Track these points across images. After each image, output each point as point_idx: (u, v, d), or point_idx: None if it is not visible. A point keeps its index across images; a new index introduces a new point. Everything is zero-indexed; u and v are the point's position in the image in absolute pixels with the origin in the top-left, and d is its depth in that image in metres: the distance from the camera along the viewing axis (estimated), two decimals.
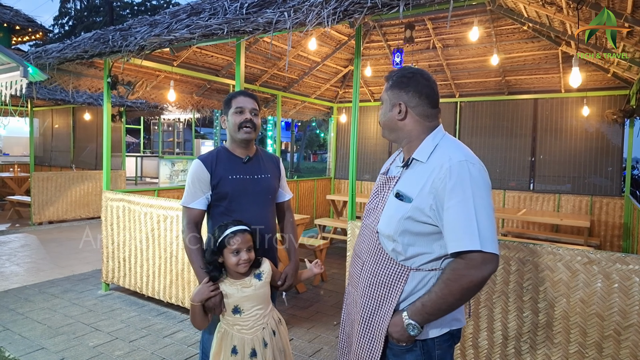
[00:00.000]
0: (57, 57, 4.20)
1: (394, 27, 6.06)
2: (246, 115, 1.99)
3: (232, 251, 1.75)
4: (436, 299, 1.29)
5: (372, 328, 1.42)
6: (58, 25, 27.56)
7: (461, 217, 1.26)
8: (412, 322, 1.33)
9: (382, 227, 1.43)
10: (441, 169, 1.32)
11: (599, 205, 5.86)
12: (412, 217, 1.35)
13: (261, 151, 2.18)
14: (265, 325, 1.83)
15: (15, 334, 3.37)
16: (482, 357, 2.46)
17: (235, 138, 2.03)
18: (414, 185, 1.38)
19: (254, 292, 1.80)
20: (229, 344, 1.78)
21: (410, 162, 1.44)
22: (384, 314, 1.40)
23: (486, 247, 1.24)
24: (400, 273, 1.39)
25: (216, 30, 3.11)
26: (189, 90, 6.36)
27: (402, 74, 1.47)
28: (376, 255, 1.45)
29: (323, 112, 8.48)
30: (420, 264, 1.37)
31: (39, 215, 7.67)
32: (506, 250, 2.37)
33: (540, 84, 6.24)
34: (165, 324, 3.65)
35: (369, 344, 1.43)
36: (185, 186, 2.04)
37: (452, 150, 1.37)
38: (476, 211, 1.26)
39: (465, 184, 1.28)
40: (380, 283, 1.42)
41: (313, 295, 4.42)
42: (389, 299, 1.40)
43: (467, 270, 1.25)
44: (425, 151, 1.40)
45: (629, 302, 2.07)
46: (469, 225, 1.25)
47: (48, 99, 8.09)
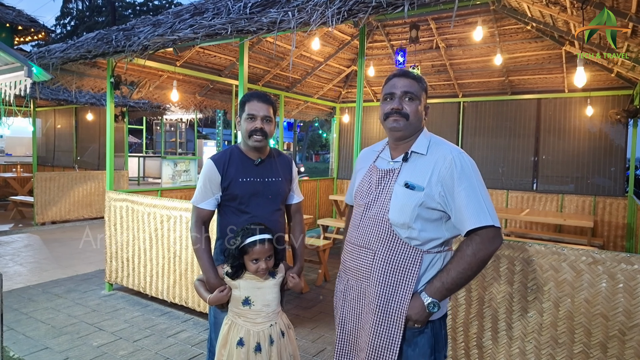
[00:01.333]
0: (61, 57, 4.21)
1: (397, 26, 6.05)
2: (257, 123, 1.96)
3: (251, 259, 1.77)
4: (455, 274, 1.45)
5: (390, 314, 1.49)
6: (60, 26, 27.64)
7: (472, 199, 1.44)
8: (434, 300, 1.46)
9: (394, 216, 1.52)
10: (445, 160, 1.50)
11: (602, 206, 5.84)
12: (424, 203, 1.49)
13: (275, 153, 2.16)
14: (273, 324, 1.84)
15: (19, 334, 3.38)
16: (486, 357, 2.46)
17: (247, 143, 2.02)
18: (420, 176, 1.52)
19: (266, 288, 1.83)
20: (236, 336, 1.79)
21: (409, 156, 1.57)
22: (401, 299, 1.48)
23: (496, 223, 1.43)
24: (415, 256, 1.50)
25: (220, 30, 3.11)
26: (191, 90, 6.37)
27: (424, 80, 1.64)
28: (390, 243, 1.52)
29: (326, 112, 8.48)
30: (431, 247, 1.52)
31: (41, 216, 7.69)
32: (510, 251, 2.37)
33: (543, 84, 6.22)
34: (169, 323, 3.66)
35: (387, 331, 1.48)
36: (196, 184, 2.08)
37: (447, 144, 1.57)
38: (481, 193, 1.45)
39: (469, 171, 1.48)
40: (395, 269, 1.50)
41: (316, 296, 4.42)
42: (406, 283, 1.49)
43: (482, 244, 1.43)
44: (424, 145, 1.57)
45: (633, 302, 2.06)
46: (480, 206, 1.43)
47: (51, 99, 8.11)
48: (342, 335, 1.65)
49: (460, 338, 2.53)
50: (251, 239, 1.76)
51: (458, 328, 2.54)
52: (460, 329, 2.53)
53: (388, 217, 1.52)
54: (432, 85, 7.06)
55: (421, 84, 1.60)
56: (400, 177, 1.55)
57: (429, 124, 1.64)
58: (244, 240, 1.77)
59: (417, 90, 1.57)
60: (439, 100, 7.09)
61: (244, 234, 1.79)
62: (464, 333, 2.52)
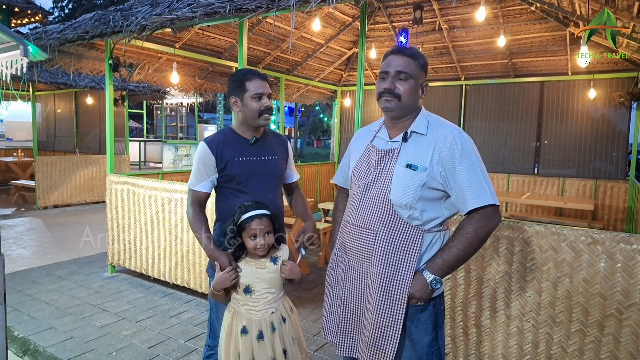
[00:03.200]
0: (58, 38, 4.16)
1: (400, 7, 5.95)
2: (265, 102, 1.97)
3: (249, 235, 1.76)
4: (457, 251, 1.47)
5: (393, 293, 1.50)
6: (58, 8, 27.26)
7: (473, 178, 1.46)
8: (436, 276, 1.49)
9: (396, 196, 1.52)
10: (445, 139, 1.50)
11: (603, 189, 5.83)
12: (427, 184, 1.49)
13: (269, 132, 2.15)
14: (275, 310, 1.83)
15: (24, 314, 3.43)
16: (484, 336, 2.49)
17: (252, 123, 2.00)
18: (422, 156, 1.51)
19: (267, 275, 1.81)
20: (239, 324, 1.79)
21: (409, 136, 1.56)
22: (404, 277, 1.50)
23: (496, 201, 1.47)
24: (416, 235, 1.52)
25: (218, 8, 3.06)
26: (191, 73, 6.32)
27: (423, 56, 1.59)
28: (391, 223, 1.53)
29: (327, 95, 8.42)
30: (432, 226, 1.54)
31: (43, 200, 7.72)
32: (510, 231, 2.37)
33: (547, 67, 6.15)
34: (172, 304, 3.70)
35: (389, 310, 1.50)
36: (192, 168, 2.06)
37: (446, 123, 1.57)
38: (482, 173, 1.47)
39: (469, 151, 1.49)
40: (398, 247, 1.52)
41: (317, 278, 4.46)
42: (408, 261, 1.51)
43: (483, 222, 1.46)
44: (423, 125, 1.56)
45: (632, 282, 2.07)
46: (480, 185, 1.46)
47: (50, 82, 8.05)
48: (344, 315, 1.67)
49: (459, 317, 2.56)
50: (248, 214, 1.76)
51: (457, 308, 2.56)
52: (459, 309, 2.55)
53: (390, 198, 1.52)
54: (434, 68, 6.98)
55: (418, 61, 1.55)
56: (400, 157, 1.54)
57: (430, 108, 1.63)
58: (240, 217, 1.76)
59: (412, 69, 1.53)
60: (441, 84, 7.03)
61: (240, 211, 1.79)
62: (462, 312, 2.54)
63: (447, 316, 2.59)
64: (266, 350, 1.77)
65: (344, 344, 1.67)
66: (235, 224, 1.77)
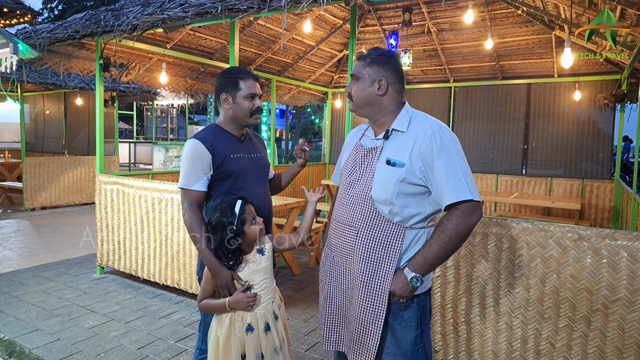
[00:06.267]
0: (48, 37, 4.12)
1: (389, 10, 6.01)
2: (257, 102, 1.98)
3: (250, 222, 1.74)
4: (437, 249, 1.46)
5: (374, 289, 1.51)
6: (47, 9, 26.95)
7: (451, 173, 1.44)
8: (416, 274, 1.47)
9: (377, 193, 1.52)
10: (425, 135, 1.49)
11: (589, 189, 5.94)
12: (406, 179, 1.49)
13: (249, 130, 2.16)
14: (274, 299, 1.86)
15: (9, 316, 3.38)
16: (474, 332, 2.51)
17: (243, 122, 2.00)
18: (401, 152, 1.52)
19: (260, 266, 1.82)
20: (242, 324, 1.76)
21: (390, 133, 1.58)
22: (385, 274, 1.50)
23: (475, 197, 1.44)
24: (397, 232, 1.51)
25: (210, 8, 3.07)
26: (182, 73, 6.30)
27: (382, 53, 1.61)
28: (372, 220, 1.54)
29: (318, 97, 8.44)
30: (414, 222, 1.53)
31: (31, 201, 7.61)
32: (498, 228, 2.41)
33: (533, 69, 6.26)
34: (161, 305, 3.67)
35: (372, 306, 1.51)
36: (181, 168, 1.93)
37: (428, 119, 1.56)
38: (461, 168, 1.46)
39: (448, 145, 1.47)
40: (379, 244, 1.52)
41: (308, 277, 4.47)
42: (388, 258, 1.51)
43: (462, 218, 1.44)
44: (404, 122, 1.57)
45: (617, 277, 2.12)
46: (459, 180, 1.44)
47: (39, 83, 7.96)
48: (330, 310, 1.69)
49: (449, 314, 2.59)
50: (237, 205, 1.75)
51: (447, 305, 2.59)
52: (449, 306, 2.58)
53: (371, 195, 1.53)
54: (424, 70, 7.06)
55: (365, 61, 1.60)
56: (382, 155, 1.56)
57: (419, 109, 1.64)
58: (234, 211, 1.74)
59: (358, 69, 1.61)
60: (431, 85, 7.10)
61: (227, 208, 1.75)
62: (452, 310, 2.57)
63: (437, 313, 2.62)
64: (273, 339, 1.80)
65: (331, 338, 1.69)
66: (236, 218, 1.72)
